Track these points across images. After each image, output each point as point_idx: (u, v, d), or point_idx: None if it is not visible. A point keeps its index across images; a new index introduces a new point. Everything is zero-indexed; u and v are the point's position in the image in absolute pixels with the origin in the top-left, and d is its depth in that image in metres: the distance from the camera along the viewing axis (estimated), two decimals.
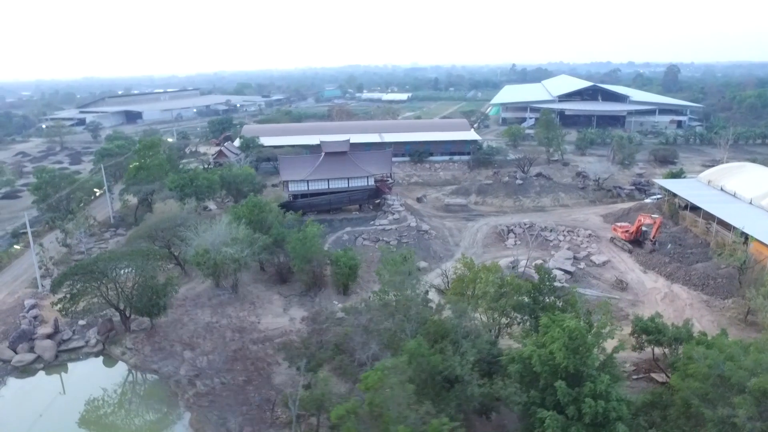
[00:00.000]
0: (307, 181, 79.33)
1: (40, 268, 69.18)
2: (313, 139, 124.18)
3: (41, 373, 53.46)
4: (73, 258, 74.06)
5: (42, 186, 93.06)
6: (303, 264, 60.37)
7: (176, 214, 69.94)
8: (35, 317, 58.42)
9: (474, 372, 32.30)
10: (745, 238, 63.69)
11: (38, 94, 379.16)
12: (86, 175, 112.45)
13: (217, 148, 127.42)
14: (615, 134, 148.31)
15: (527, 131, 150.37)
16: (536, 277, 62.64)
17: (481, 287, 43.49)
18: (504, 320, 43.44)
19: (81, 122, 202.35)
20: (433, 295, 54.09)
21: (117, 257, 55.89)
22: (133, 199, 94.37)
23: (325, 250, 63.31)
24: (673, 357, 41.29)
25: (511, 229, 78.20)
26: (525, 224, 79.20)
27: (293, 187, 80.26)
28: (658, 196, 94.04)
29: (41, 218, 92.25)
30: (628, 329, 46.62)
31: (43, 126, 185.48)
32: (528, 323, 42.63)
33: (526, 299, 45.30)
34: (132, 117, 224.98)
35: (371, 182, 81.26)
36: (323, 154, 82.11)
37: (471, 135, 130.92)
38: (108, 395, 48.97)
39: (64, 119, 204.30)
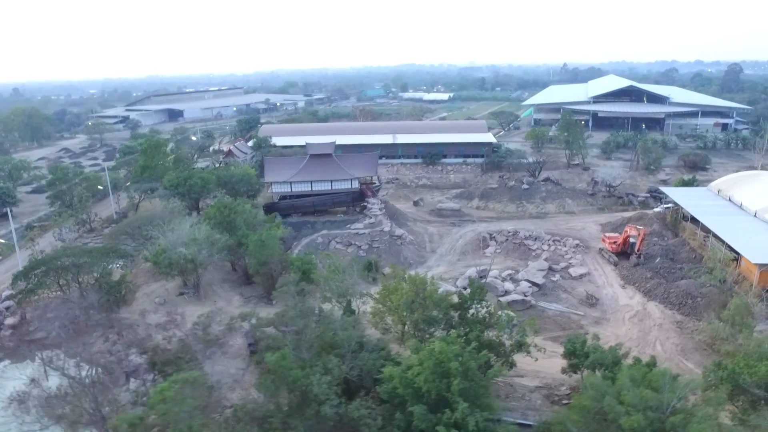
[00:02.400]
0: (290, 183, 79.42)
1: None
2: (324, 140, 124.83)
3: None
4: None
5: (55, 182, 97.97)
6: (259, 266, 60.39)
7: (152, 213, 71.67)
8: (7, 308, 61.34)
9: (332, 390, 30.95)
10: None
11: (103, 92, 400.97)
12: (95, 172, 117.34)
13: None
14: (642, 138, 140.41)
15: (551, 133, 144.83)
16: (500, 287, 60.67)
17: (397, 299, 41.94)
18: (417, 334, 41.55)
19: (125, 120, 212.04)
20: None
21: (78, 253, 57.84)
22: (138, 197, 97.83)
23: (283, 253, 62.89)
24: None
25: (494, 237, 75.38)
26: (509, 232, 76.14)
27: (277, 189, 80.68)
28: (670, 205, 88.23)
29: (57, 212, 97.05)
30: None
31: (89, 123, 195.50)
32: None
33: (452, 313, 43.40)
34: (174, 115, 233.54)
35: (355, 185, 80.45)
36: (308, 156, 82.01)
37: (486, 137, 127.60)
38: None
39: (109, 117, 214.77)
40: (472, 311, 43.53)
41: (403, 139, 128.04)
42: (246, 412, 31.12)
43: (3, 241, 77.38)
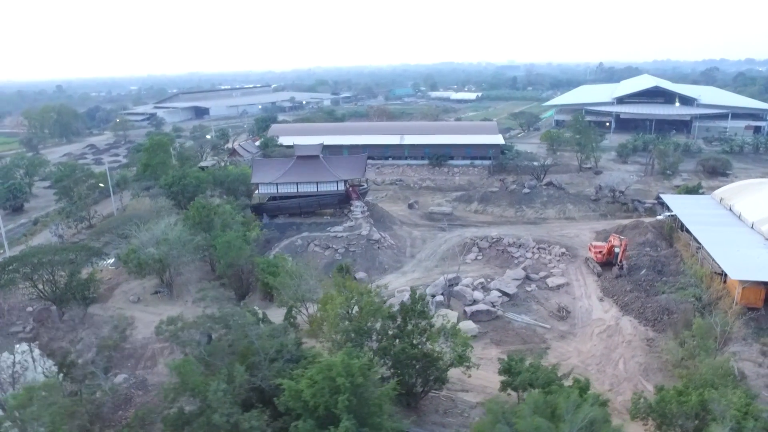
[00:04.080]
0: (276, 184, 79.41)
1: None
2: (333, 140, 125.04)
3: None
4: None
5: (62, 178, 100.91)
6: (225, 268, 60.49)
7: (138, 212, 72.82)
8: None
9: (227, 398, 30.37)
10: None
11: (140, 89, 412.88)
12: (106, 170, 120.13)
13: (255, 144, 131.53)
14: (664, 140, 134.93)
15: (567, 135, 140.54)
16: (468, 296, 58.99)
17: (331, 308, 41.07)
18: (348, 345, 40.43)
19: (151, 117, 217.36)
20: None
21: (50, 251, 59.09)
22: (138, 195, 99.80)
23: (251, 255, 62.65)
24: None
25: (476, 243, 73.44)
26: (492, 238, 74.04)
27: (263, 190, 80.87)
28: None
29: (60, 209, 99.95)
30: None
31: (117, 120, 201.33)
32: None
33: (391, 324, 42.20)
34: (200, 113, 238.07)
35: (342, 187, 79.81)
36: (295, 157, 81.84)
37: (494, 139, 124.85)
38: None
39: (137, 114, 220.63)
40: (412, 322, 42.13)
41: (410, 140, 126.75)
42: (140, 418, 31.05)
43: None
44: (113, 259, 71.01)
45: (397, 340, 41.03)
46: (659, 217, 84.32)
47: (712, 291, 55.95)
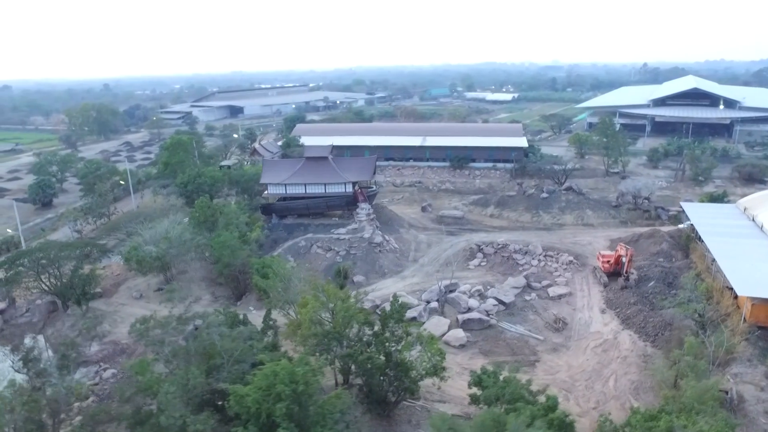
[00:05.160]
0: (285, 185, 79.70)
1: None
2: (354, 141, 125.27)
3: None
4: None
5: (87, 175, 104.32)
6: (222, 268, 60.99)
7: (150, 210, 74.36)
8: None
9: (177, 400, 30.34)
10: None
11: (182, 88, 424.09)
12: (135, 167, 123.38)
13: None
14: (700, 145, 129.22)
15: (596, 138, 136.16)
16: (463, 303, 57.70)
17: (306, 312, 40.68)
18: (317, 350, 39.96)
19: (186, 115, 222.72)
20: None
21: (56, 247, 60.93)
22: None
23: (248, 255, 62.94)
24: None
25: (481, 248, 71.75)
26: (498, 244, 72.18)
27: (272, 190, 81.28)
28: None
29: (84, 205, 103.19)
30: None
31: (154, 118, 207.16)
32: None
33: (368, 331, 41.56)
34: (235, 111, 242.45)
35: (350, 189, 79.41)
36: (304, 158, 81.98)
37: (518, 141, 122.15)
38: None
39: (173, 112, 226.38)
40: (389, 329, 41.36)
41: (432, 141, 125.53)
42: (91, 416, 31.44)
43: (11, 231, 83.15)
44: (119, 257, 72.64)
45: (371, 347, 40.50)
46: (681, 226, 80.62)
47: (722, 307, 52.95)
